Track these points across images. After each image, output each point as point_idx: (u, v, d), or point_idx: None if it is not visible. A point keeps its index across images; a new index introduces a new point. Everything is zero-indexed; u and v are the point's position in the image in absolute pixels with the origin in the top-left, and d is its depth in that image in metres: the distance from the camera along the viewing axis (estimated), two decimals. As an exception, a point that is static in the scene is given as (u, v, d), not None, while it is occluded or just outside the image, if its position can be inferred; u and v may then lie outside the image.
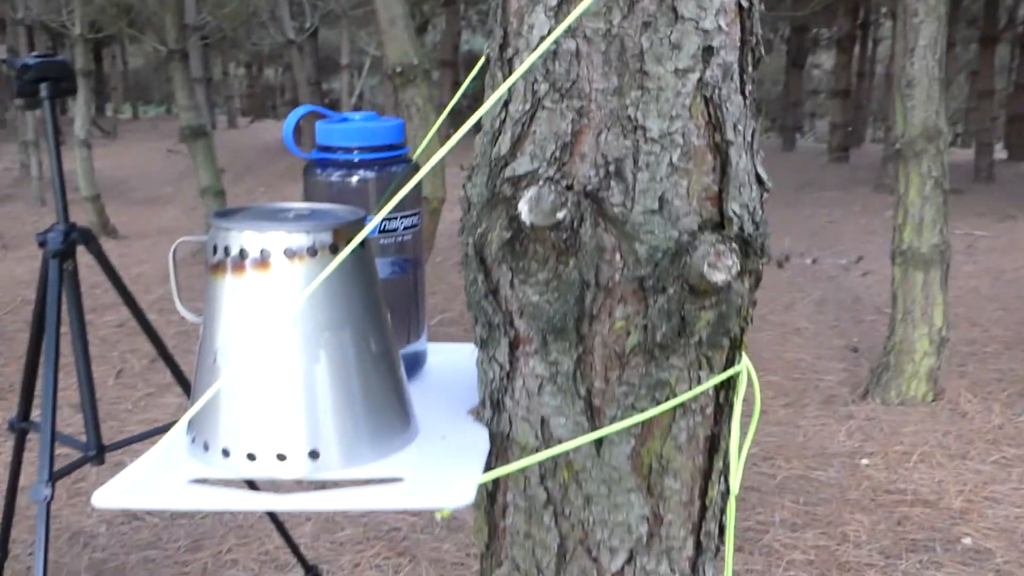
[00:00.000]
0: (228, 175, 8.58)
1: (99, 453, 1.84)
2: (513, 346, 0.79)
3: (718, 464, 0.82)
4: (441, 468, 0.76)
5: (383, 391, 0.80)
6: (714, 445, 0.82)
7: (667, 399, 0.77)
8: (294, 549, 2.08)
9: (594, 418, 0.78)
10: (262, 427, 0.76)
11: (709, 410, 0.81)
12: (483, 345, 0.83)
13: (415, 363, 1.00)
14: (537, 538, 0.82)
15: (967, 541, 3.14)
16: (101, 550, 2.85)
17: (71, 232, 1.85)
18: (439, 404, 0.92)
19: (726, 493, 0.85)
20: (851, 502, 3.37)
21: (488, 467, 0.81)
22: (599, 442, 0.78)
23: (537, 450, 0.80)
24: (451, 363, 1.05)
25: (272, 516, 1.95)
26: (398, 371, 0.83)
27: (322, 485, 0.74)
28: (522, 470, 0.81)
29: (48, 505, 1.70)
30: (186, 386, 1.73)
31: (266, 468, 0.76)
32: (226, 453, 0.77)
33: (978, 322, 5.03)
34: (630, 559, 0.81)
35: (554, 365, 0.77)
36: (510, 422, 0.82)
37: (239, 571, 2.79)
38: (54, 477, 1.71)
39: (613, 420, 0.77)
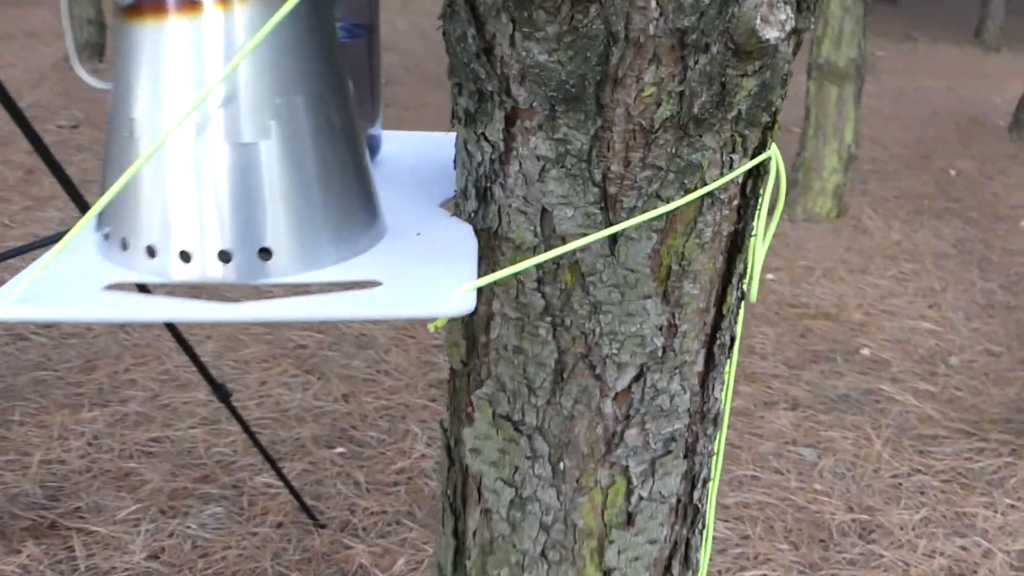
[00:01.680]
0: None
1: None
2: (509, 120, 0.64)
3: (738, 266, 0.70)
4: (424, 270, 0.62)
5: (346, 176, 0.64)
6: (736, 244, 0.69)
7: (696, 186, 0.63)
8: (200, 367, 1.93)
9: (609, 209, 0.63)
10: (198, 218, 0.59)
11: (735, 202, 0.68)
12: (469, 120, 0.67)
13: (368, 151, 0.83)
14: (530, 353, 0.69)
15: (865, 352, 3.21)
16: (-16, 372, 2.65)
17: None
18: (404, 197, 0.76)
19: (740, 299, 0.73)
20: (757, 315, 3.39)
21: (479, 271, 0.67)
22: (613, 239, 0.64)
23: (535, 250, 0.66)
24: (409, 153, 0.88)
25: (174, 332, 1.78)
26: (362, 153, 0.66)
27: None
28: (514, 274, 0.67)
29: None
30: (75, 194, 1.51)
31: (204, 269, 0.60)
32: (151, 252, 0.60)
33: (880, 141, 5.05)
34: (639, 375, 0.68)
35: (563, 143, 0.62)
36: (500, 215, 0.67)
37: (138, 391, 2.63)
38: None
39: (632, 212, 0.63)
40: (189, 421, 2.53)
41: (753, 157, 0.66)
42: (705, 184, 0.64)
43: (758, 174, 0.68)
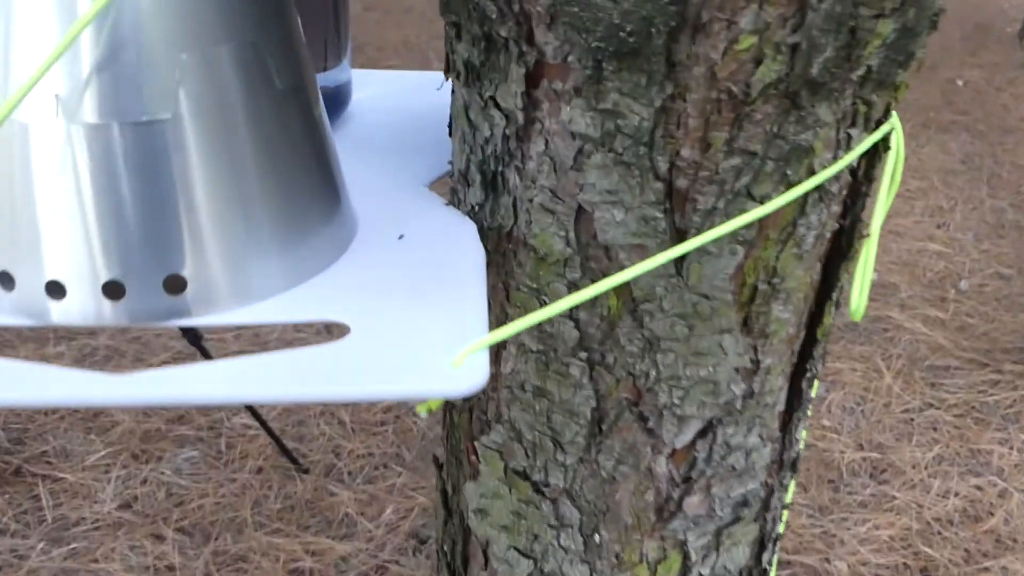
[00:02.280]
0: None
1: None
2: (532, 80, 0.43)
3: (842, 276, 0.50)
4: (410, 306, 0.42)
5: (296, 160, 0.43)
6: (839, 247, 0.49)
7: (802, 178, 0.43)
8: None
9: (675, 211, 0.43)
10: (71, 234, 0.39)
11: (844, 192, 0.48)
12: (471, 78, 0.46)
13: (334, 103, 0.62)
14: (557, 398, 0.49)
15: (873, 276, 3.04)
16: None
17: None
18: (380, 173, 0.56)
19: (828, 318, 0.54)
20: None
21: (490, 302, 0.47)
22: (681, 255, 0.44)
23: (567, 263, 0.46)
24: (388, 104, 0.67)
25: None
26: (319, 123, 0.45)
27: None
28: (535, 289, 0.47)
29: None
30: None
31: (84, 308, 0.40)
32: (7, 281, 0.40)
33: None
34: (707, 430, 0.49)
35: (611, 117, 0.42)
36: (516, 211, 0.47)
37: (108, 322, 2.44)
38: None
39: (710, 215, 0.43)
40: (163, 355, 2.34)
41: (875, 129, 0.46)
42: (814, 173, 0.43)
43: (874, 152, 0.48)
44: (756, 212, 0.42)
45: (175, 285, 0.41)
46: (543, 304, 0.47)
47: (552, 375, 0.49)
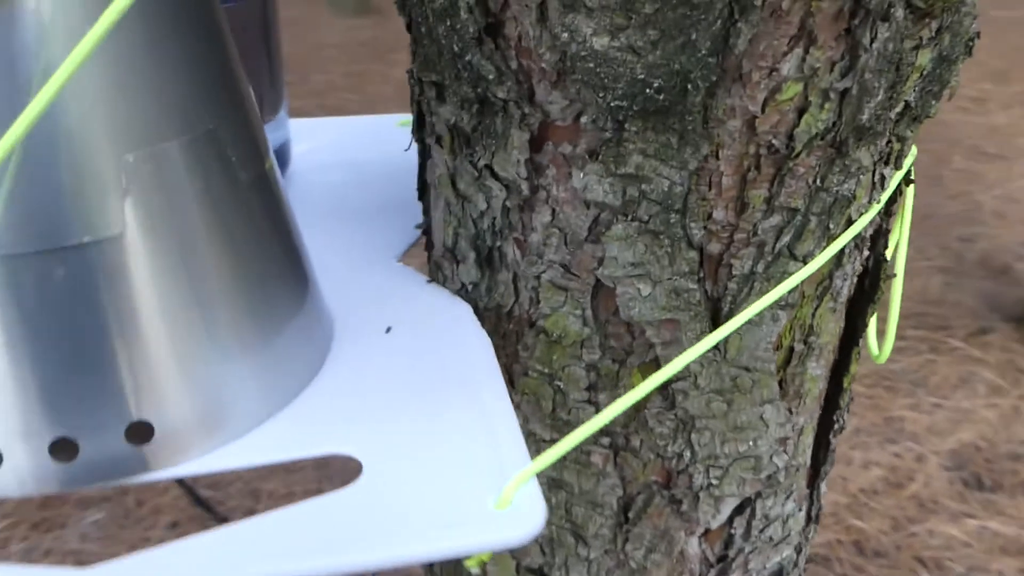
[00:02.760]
0: None
1: None
2: (535, 143, 0.37)
3: (868, 318, 0.46)
4: (422, 422, 0.35)
5: (264, 263, 0.36)
6: (864, 291, 0.45)
7: (844, 226, 0.39)
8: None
9: (708, 278, 0.38)
10: (8, 386, 0.31)
11: (870, 233, 0.43)
12: (459, 144, 0.40)
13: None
14: (577, 489, 0.44)
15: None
16: None
17: None
18: (341, 246, 0.49)
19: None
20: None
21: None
22: (715, 326, 0.39)
23: (584, 344, 0.40)
24: (334, 158, 0.60)
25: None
26: (285, 212, 0.38)
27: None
28: (546, 375, 0.42)
29: None
30: None
31: (23, 473, 0.32)
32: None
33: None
34: (744, 506, 0.45)
35: (635, 183, 0.36)
36: (517, 289, 0.41)
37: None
38: None
39: (747, 281, 0.38)
40: (169, 515, 2.18)
41: (902, 165, 0.42)
42: (852, 222, 0.39)
43: (897, 187, 0.44)
44: (801, 273, 0.37)
45: (139, 433, 0.33)
46: (557, 391, 0.42)
47: (571, 465, 0.43)
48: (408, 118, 0.66)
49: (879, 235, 0.44)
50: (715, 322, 0.39)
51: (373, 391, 0.37)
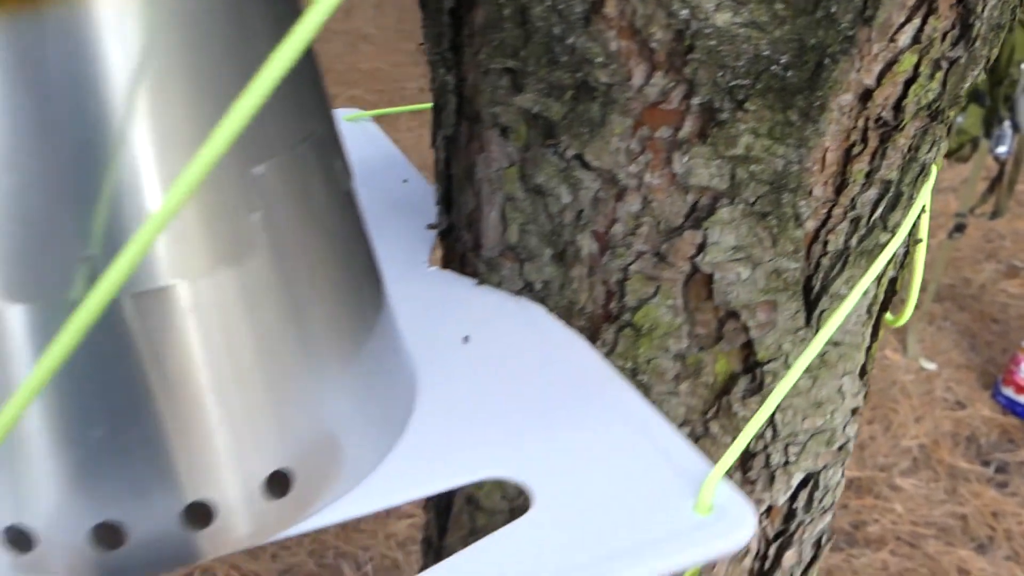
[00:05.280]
0: None
1: None
2: (632, 127, 0.35)
3: (896, 283, 0.47)
4: (565, 435, 0.33)
5: (358, 281, 0.32)
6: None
7: (922, 193, 0.40)
8: None
9: (805, 256, 0.38)
10: (153, 436, 0.26)
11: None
12: (534, 133, 0.37)
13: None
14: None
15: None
16: None
17: None
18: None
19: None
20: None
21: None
22: (810, 304, 0.39)
23: (672, 333, 0.39)
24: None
25: None
26: (365, 228, 0.35)
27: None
28: (629, 370, 0.40)
29: None
30: None
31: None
32: (22, 542, 0.26)
33: None
34: (808, 480, 0.45)
35: (745, 164, 0.35)
36: (592, 284, 0.39)
37: None
38: None
39: (842, 257, 0.38)
40: None
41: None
42: (926, 181, 0.40)
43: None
44: (894, 242, 0.38)
45: (279, 485, 0.29)
46: (639, 385, 0.40)
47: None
48: (353, 112, 0.62)
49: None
50: (810, 304, 0.39)
51: (493, 408, 0.34)
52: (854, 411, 0.44)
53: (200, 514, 0.28)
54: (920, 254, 0.47)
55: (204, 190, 0.26)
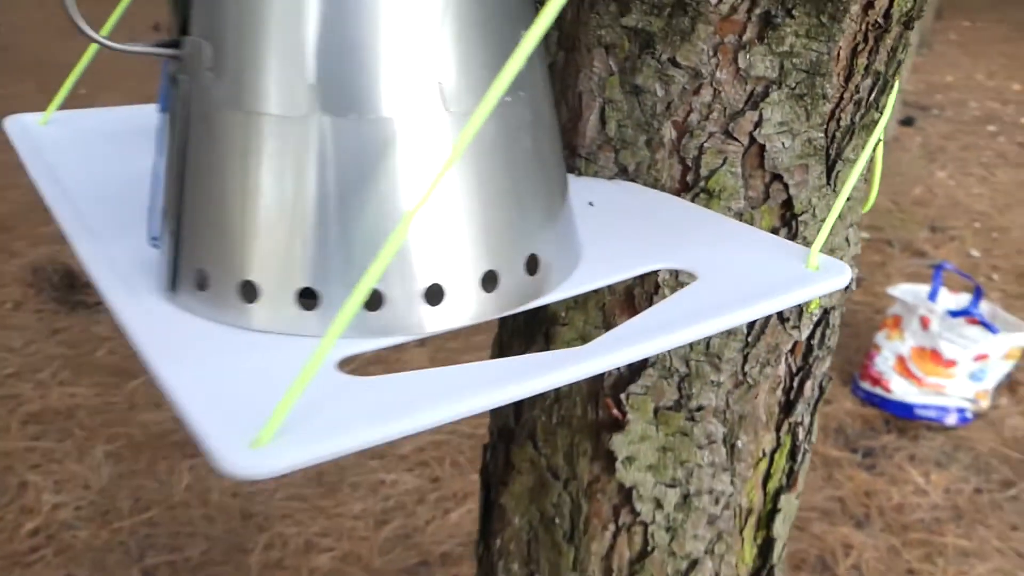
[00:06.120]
0: None
1: None
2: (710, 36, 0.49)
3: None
4: (703, 241, 0.46)
5: (559, 156, 0.44)
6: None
7: (898, 76, 0.55)
8: None
9: (828, 131, 0.52)
10: (464, 229, 0.37)
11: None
12: (635, 45, 0.50)
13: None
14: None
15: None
16: None
17: None
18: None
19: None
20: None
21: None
22: (829, 165, 0.53)
23: (733, 194, 0.52)
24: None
25: None
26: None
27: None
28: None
29: None
30: None
31: (463, 305, 0.38)
32: (378, 301, 0.37)
33: None
34: (822, 319, 0.59)
35: (789, 58, 0.49)
36: (669, 163, 0.52)
37: None
38: None
39: (850, 131, 0.53)
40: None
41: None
42: (898, 77, 0.56)
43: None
44: (883, 119, 0.53)
45: (533, 266, 0.40)
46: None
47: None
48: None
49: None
50: (827, 165, 0.53)
51: (641, 234, 0.47)
52: (854, 259, 0.58)
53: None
54: (880, 152, 0.63)
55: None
